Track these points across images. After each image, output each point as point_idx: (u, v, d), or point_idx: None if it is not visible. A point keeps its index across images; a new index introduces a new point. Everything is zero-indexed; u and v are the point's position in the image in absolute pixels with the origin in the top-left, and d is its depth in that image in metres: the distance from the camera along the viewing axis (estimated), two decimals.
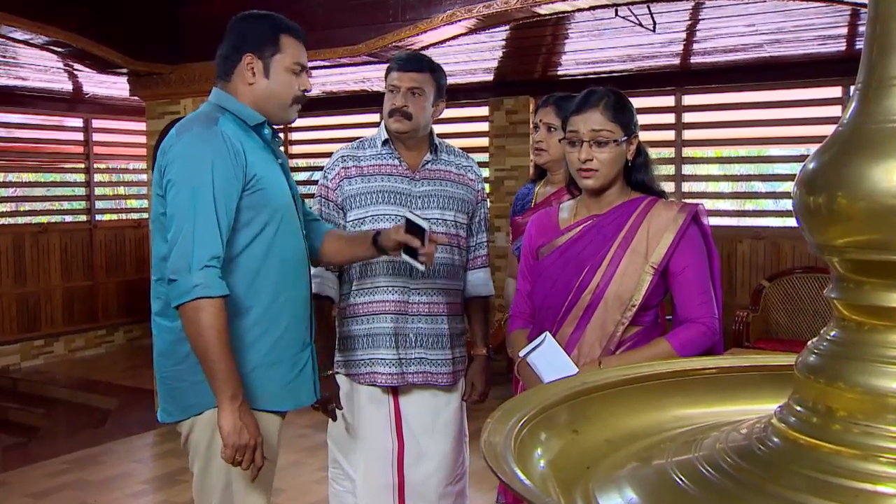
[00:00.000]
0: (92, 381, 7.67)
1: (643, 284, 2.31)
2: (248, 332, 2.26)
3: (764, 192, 7.49)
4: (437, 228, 2.83)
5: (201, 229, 2.13)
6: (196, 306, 2.09)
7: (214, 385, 2.13)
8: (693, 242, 2.34)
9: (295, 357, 2.36)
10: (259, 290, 2.27)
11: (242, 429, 2.12)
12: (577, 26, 5.34)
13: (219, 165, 2.17)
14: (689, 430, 1.33)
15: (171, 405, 2.32)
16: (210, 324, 2.09)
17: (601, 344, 2.34)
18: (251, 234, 2.25)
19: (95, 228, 8.98)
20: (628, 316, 2.32)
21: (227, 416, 2.11)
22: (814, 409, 1.06)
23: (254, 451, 2.15)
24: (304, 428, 5.63)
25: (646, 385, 1.48)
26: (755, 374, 1.50)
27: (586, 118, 2.33)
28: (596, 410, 1.41)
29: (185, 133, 2.23)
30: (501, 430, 1.21)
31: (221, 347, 2.11)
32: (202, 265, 2.10)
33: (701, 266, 2.35)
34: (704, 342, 2.31)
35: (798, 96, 6.61)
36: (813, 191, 1.05)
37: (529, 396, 1.40)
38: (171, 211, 2.18)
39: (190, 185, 2.16)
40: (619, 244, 2.34)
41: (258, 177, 2.25)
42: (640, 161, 2.41)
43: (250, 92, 2.34)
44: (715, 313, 2.34)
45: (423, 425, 2.87)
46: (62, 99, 8.53)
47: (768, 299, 6.43)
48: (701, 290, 2.34)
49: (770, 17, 4.99)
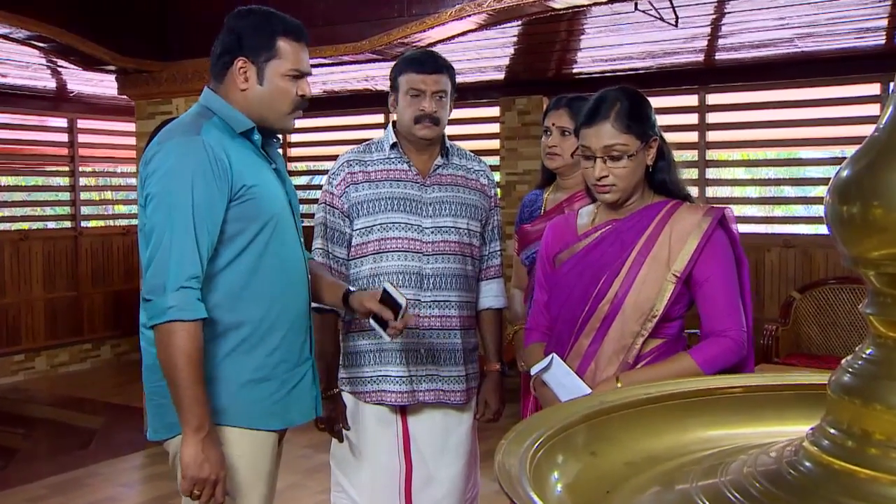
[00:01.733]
0: (76, 398, 7.68)
1: (665, 294, 2.30)
2: (237, 348, 2.27)
3: (794, 197, 7.49)
4: (450, 237, 2.85)
5: (178, 248, 2.13)
6: (169, 329, 2.10)
7: (179, 412, 2.14)
8: (719, 249, 2.32)
9: (288, 373, 2.36)
10: (250, 304, 2.28)
11: (204, 462, 2.13)
12: (594, 21, 5.36)
13: (199, 179, 2.17)
14: (714, 453, 1.34)
15: (158, 422, 2.33)
16: (181, 348, 2.10)
17: (619, 357, 2.33)
18: (240, 245, 2.26)
19: (80, 235, 9.01)
20: (648, 328, 2.31)
21: (188, 446, 2.12)
22: (849, 432, 1.07)
23: (214, 485, 2.15)
24: (305, 448, 5.64)
25: (668, 405, 1.49)
26: (784, 394, 1.51)
27: (597, 132, 2.32)
28: (615, 431, 1.42)
29: (166, 142, 2.23)
30: (516, 452, 1.22)
31: (190, 373, 2.11)
32: (178, 286, 2.11)
33: (727, 274, 2.33)
34: (731, 358, 2.30)
35: (832, 94, 6.59)
36: (847, 199, 1.06)
37: (545, 416, 1.41)
38: (149, 227, 2.19)
39: (167, 202, 2.16)
40: (638, 251, 2.33)
41: (247, 186, 2.25)
42: (662, 163, 2.41)
43: (242, 98, 2.33)
44: (743, 326, 2.32)
45: (433, 446, 2.87)
46: (45, 97, 8.56)
47: (799, 312, 6.42)
48: (728, 300, 2.32)
49: (802, 8, 4.98)
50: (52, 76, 7.56)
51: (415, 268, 2.82)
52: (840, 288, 6.36)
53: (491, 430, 3.21)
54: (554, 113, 3.11)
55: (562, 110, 3.08)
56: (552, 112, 3.12)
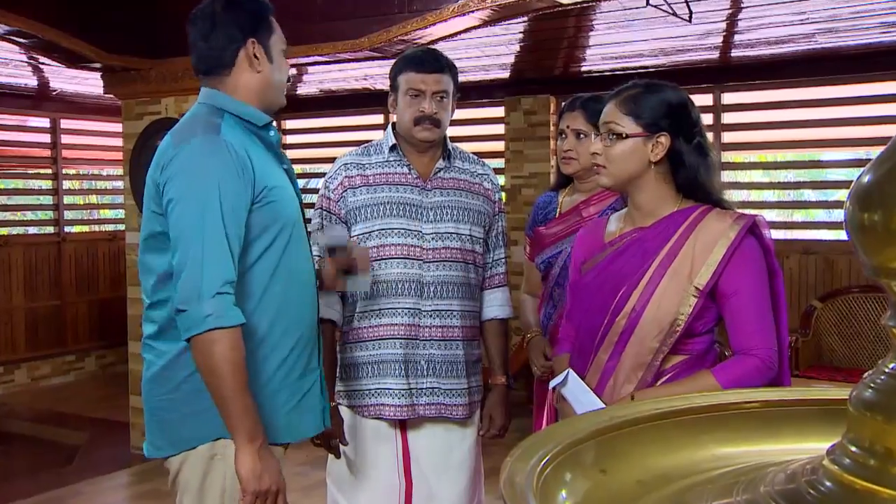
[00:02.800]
0: (58, 413, 7.70)
1: (685, 308, 2.26)
2: (250, 356, 2.27)
3: (815, 202, 7.48)
4: (452, 244, 2.86)
5: (211, 253, 2.13)
6: (210, 338, 2.10)
7: (230, 424, 2.14)
8: (748, 259, 2.27)
9: (297, 383, 2.37)
10: (264, 311, 2.29)
11: (263, 473, 2.13)
12: (603, 16, 5.37)
13: (227, 180, 2.18)
14: (729, 471, 1.34)
15: (160, 438, 2.33)
16: (225, 357, 2.10)
17: (638, 374, 2.31)
18: (259, 250, 2.27)
19: (64, 241, 9.03)
20: (669, 343, 2.28)
21: (245, 458, 2.13)
22: (871, 451, 1.07)
23: (276, 497, 2.17)
24: (301, 465, 5.64)
25: (680, 420, 1.49)
26: (803, 409, 1.51)
27: (605, 109, 2.38)
28: (626, 448, 1.42)
29: (185, 144, 2.23)
30: (522, 470, 1.22)
31: (238, 383, 2.12)
32: (214, 292, 2.11)
33: (757, 287, 2.28)
34: (757, 378, 2.24)
35: (855, 93, 6.60)
36: (868, 207, 1.06)
37: (552, 432, 1.41)
38: (175, 233, 2.18)
39: (196, 205, 2.16)
40: (660, 261, 2.30)
41: (269, 188, 2.27)
42: (687, 162, 2.33)
43: (257, 82, 2.37)
44: (773, 344, 2.26)
45: (434, 463, 2.88)
46: (26, 96, 8.56)
47: (820, 322, 6.42)
48: (757, 315, 2.27)
49: (823, 2, 4.98)
50: (34, 74, 7.56)
51: (415, 275, 2.83)
52: (864, 297, 6.35)
53: (496, 445, 3.21)
54: (569, 115, 3.09)
55: (577, 112, 3.06)
56: (567, 114, 3.10)
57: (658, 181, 2.35)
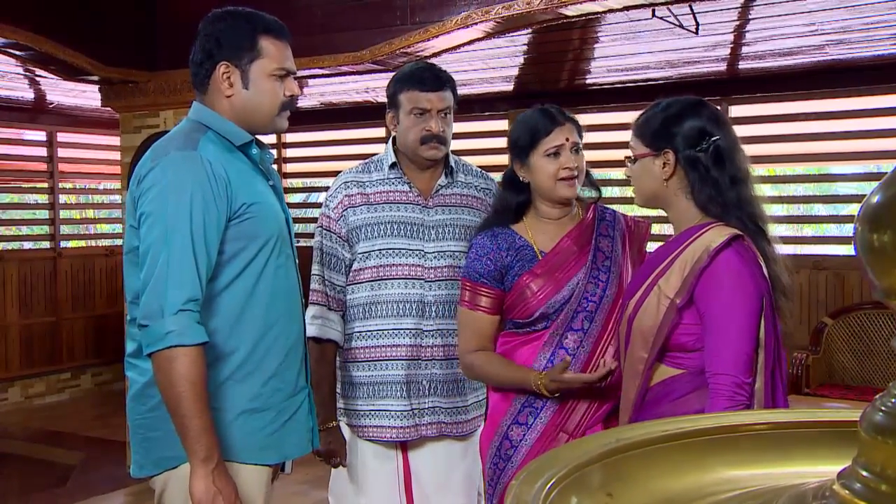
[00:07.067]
0: (53, 432, 7.69)
1: (661, 318, 2.27)
2: (232, 376, 2.28)
3: (825, 216, 7.48)
4: (455, 262, 2.88)
5: (176, 269, 2.14)
6: (169, 355, 2.11)
7: (186, 444, 2.15)
8: (722, 275, 2.21)
9: (283, 403, 2.38)
10: (245, 329, 2.30)
11: (217, 495, 2.14)
12: (609, 29, 5.39)
13: (198, 197, 2.19)
14: (737, 495, 1.34)
15: (143, 457, 2.34)
16: (184, 375, 2.11)
17: (635, 383, 2.35)
18: (238, 267, 2.28)
19: (60, 257, 9.03)
20: (654, 353, 2.29)
21: (199, 479, 2.13)
22: (882, 475, 1.07)
23: None
24: (301, 484, 5.63)
25: (688, 442, 1.49)
26: (812, 431, 1.51)
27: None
28: (632, 471, 1.42)
29: (162, 158, 2.25)
30: (527, 493, 1.23)
31: (195, 402, 2.12)
32: (176, 309, 2.12)
33: (730, 305, 2.21)
34: (717, 409, 2.13)
35: (866, 105, 6.57)
36: (878, 227, 1.06)
37: (558, 454, 1.41)
38: (143, 248, 2.20)
39: (164, 220, 2.17)
40: (657, 273, 2.34)
41: (247, 204, 2.28)
42: (700, 176, 2.32)
43: (230, 105, 2.36)
44: (737, 369, 2.17)
45: (435, 482, 2.89)
46: (22, 109, 8.59)
47: (831, 339, 6.40)
48: (722, 337, 2.20)
49: (834, 13, 4.98)
50: (30, 86, 7.59)
51: (417, 295, 2.83)
52: (876, 313, 6.31)
53: None
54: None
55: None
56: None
57: (678, 197, 2.37)
